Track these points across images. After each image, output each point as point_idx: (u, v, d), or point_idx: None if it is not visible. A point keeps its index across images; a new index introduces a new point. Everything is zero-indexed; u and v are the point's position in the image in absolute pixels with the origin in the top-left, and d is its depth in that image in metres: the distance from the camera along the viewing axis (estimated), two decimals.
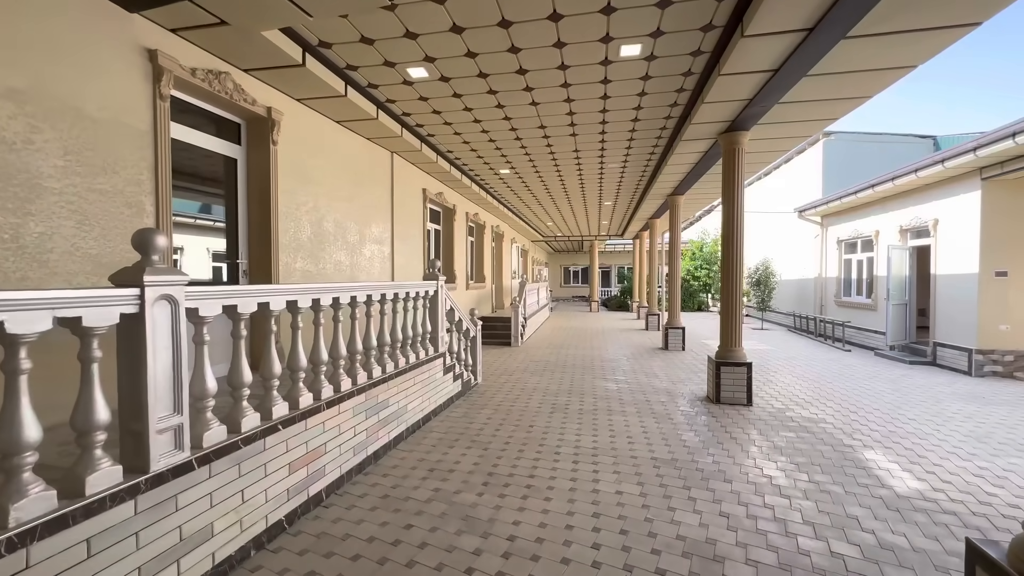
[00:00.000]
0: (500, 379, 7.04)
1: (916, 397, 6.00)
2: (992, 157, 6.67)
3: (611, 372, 7.53)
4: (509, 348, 10.17)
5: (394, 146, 6.25)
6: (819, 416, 5.12)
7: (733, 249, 5.66)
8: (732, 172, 5.63)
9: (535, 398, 5.91)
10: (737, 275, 5.67)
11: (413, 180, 7.32)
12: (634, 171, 8.41)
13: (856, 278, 11.26)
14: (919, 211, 8.75)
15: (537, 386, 6.57)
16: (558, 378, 7.08)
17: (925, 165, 7.69)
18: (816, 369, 7.85)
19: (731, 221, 5.66)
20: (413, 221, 7.37)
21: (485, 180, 9.09)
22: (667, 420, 4.95)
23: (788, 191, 14.71)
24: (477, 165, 7.89)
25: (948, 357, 7.91)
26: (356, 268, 5.74)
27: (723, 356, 5.67)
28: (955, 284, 7.84)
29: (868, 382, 6.88)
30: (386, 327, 4.15)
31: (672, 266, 10.00)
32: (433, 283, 5.17)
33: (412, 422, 4.55)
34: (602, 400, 5.79)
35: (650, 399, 5.83)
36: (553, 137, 6.37)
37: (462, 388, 6.01)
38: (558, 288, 33.96)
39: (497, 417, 5.10)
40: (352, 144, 5.64)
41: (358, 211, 5.77)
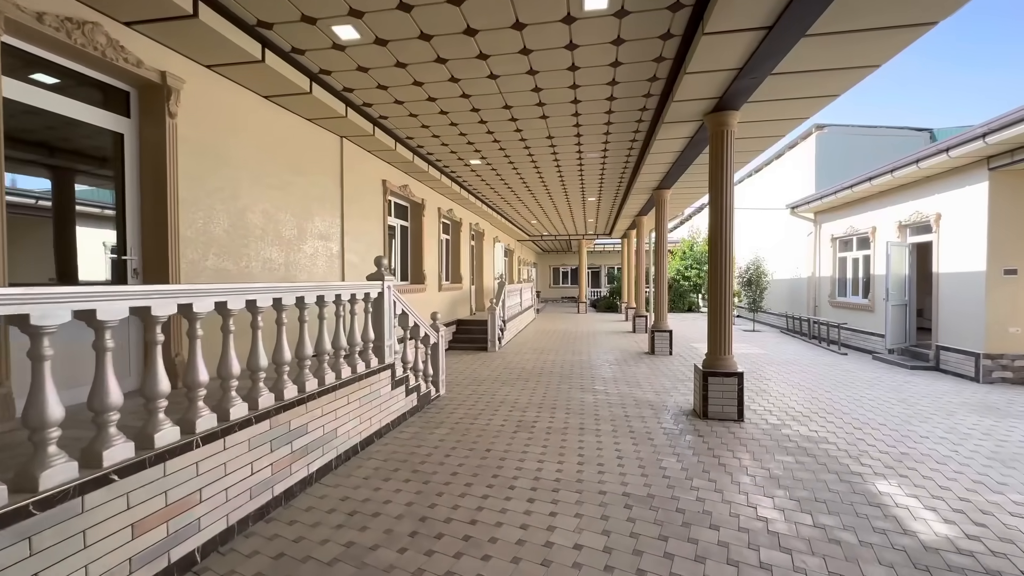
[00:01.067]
0: (466, 390, 6.34)
1: (924, 409, 5.40)
2: (1002, 144, 6.10)
3: (591, 381, 6.86)
4: (485, 354, 9.48)
5: (342, 129, 5.54)
6: (819, 434, 4.48)
7: (722, 246, 5.01)
8: (720, 159, 4.99)
9: (500, 413, 5.22)
10: (726, 274, 5.03)
11: (370, 170, 6.61)
12: (616, 162, 7.77)
13: (852, 277, 10.71)
14: (919, 205, 8.19)
15: (506, 398, 5.88)
16: (531, 388, 6.40)
17: (928, 155, 7.13)
18: (812, 376, 7.24)
19: (719, 214, 5.02)
20: (371, 215, 6.66)
21: (456, 172, 8.40)
22: (646, 441, 4.28)
23: (779, 187, 14.19)
24: (444, 155, 7.20)
25: (952, 362, 7.34)
26: (293, 267, 5.02)
27: (711, 365, 5.03)
28: (960, 283, 7.28)
29: (869, 390, 6.28)
30: (307, 337, 3.44)
31: (658, 265, 9.37)
32: (377, 284, 4.47)
33: (345, 448, 3.85)
34: (576, 415, 5.12)
35: (630, 414, 5.17)
36: (522, 120, 5.69)
37: (418, 403, 5.31)
38: (547, 289, 33.33)
39: (451, 438, 4.41)
40: (287, 125, 4.92)
41: (297, 202, 5.05)
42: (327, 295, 3.66)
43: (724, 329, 5.02)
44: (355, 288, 4.07)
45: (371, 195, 6.66)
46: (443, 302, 9.86)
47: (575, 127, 5.96)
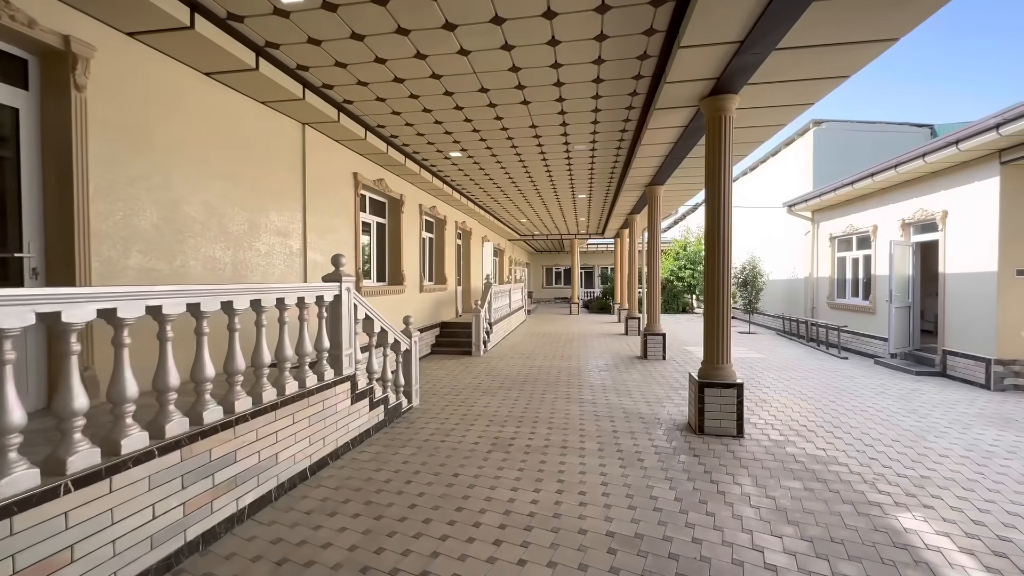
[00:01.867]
0: (443, 400, 5.84)
1: (937, 421, 4.97)
2: (1016, 136, 5.69)
3: (578, 389, 6.38)
4: (469, 358, 8.98)
5: (303, 115, 5.02)
6: (828, 453, 4.02)
7: (720, 245, 4.55)
8: (717, 148, 4.53)
9: (476, 428, 4.73)
10: (724, 276, 4.57)
11: (339, 161, 6.09)
12: (605, 155, 7.30)
13: (851, 278, 10.32)
14: (924, 202, 7.79)
15: (485, 410, 5.39)
16: (513, 398, 5.91)
17: (936, 148, 6.72)
18: (815, 383, 6.81)
19: (717, 210, 4.55)
20: (340, 211, 6.14)
21: (436, 166, 7.89)
22: (635, 463, 3.80)
23: (776, 185, 13.80)
24: (421, 146, 6.70)
25: (961, 367, 6.94)
26: (244, 266, 4.49)
27: (708, 375, 4.56)
28: (968, 284, 6.88)
29: (876, 399, 5.85)
30: (239, 349, 2.93)
31: (651, 265, 8.92)
32: (333, 286, 3.96)
33: (290, 475, 3.34)
34: (559, 431, 4.63)
35: (618, 429, 4.69)
36: (502, 106, 5.20)
37: (386, 416, 4.81)
38: (540, 289, 32.88)
39: (417, 460, 3.91)
40: (237, 108, 4.40)
41: (248, 194, 4.53)
42: (265, 299, 3.14)
43: (722, 335, 4.56)
44: (304, 290, 3.56)
45: (340, 189, 6.15)
46: (424, 304, 9.35)
47: (560, 115, 5.48)
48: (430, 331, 9.60)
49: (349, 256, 6.36)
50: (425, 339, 9.28)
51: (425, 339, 9.28)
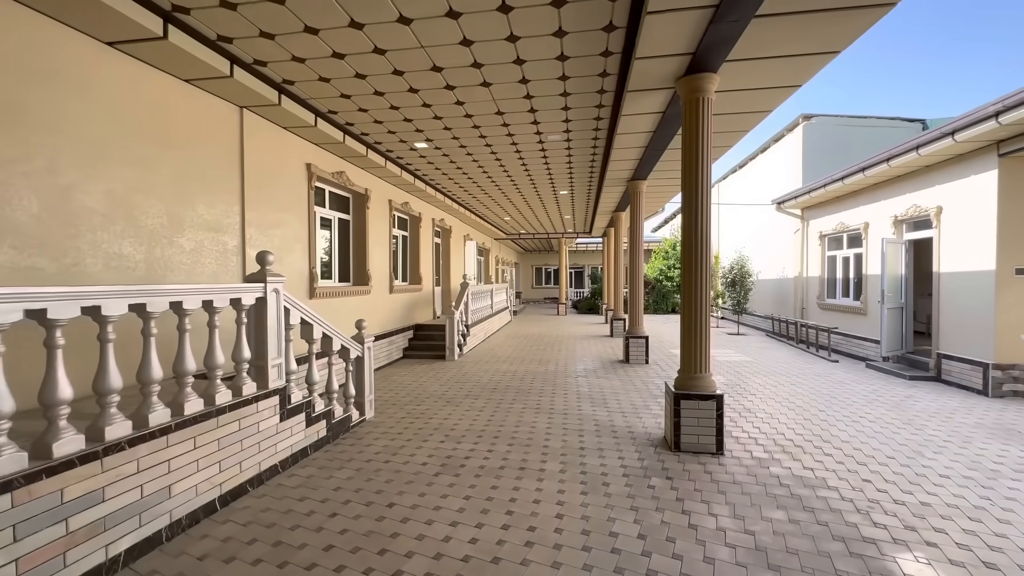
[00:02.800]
0: (402, 411, 5.35)
1: (935, 434, 4.55)
2: (1017, 125, 5.31)
3: (550, 397, 5.91)
4: (442, 363, 8.48)
5: (238, 96, 4.51)
6: (816, 474, 3.58)
7: (697, 242, 4.10)
8: (695, 134, 4.07)
9: (429, 445, 4.24)
10: (703, 276, 4.12)
11: (288, 150, 5.58)
12: (582, 146, 6.84)
13: (842, 277, 9.95)
14: (918, 198, 7.42)
15: (444, 423, 4.91)
16: (478, 408, 5.43)
17: (930, 139, 6.33)
18: (803, 389, 6.39)
19: (694, 203, 4.10)
20: (289, 204, 5.62)
21: (404, 159, 7.39)
22: (599, 488, 3.34)
23: (765, 182, 13.42)
24: (381, 135, 6.19)
25: (956, 372, 6.56)
26: (161, 265, 3.97)
27: (684, 385, 4.11)
28: (964, 284, 6.50)
29: (868, 408, 5.44)
30: (109, 363, 2.42)
31: (633, 264, 8.48)
32: (256, 287, 3.46)
33: (190, 510, 2.84)
34: (520, 448, 4.16)
35: (586, 445, 4.23)
36: (461, 89, 4.72)
37: (329, 432, 4.31)
38: (529, 290, 32.45)
39: (351, 486, 3.42)
40: (152, 84, 3.88)
41: (167, 183, 4.01)
42: (153, 303, 2.64)
43: (700, 342, 4.11)
44: (213, 292, 3.05)
45: (290, 180, 5.63)
46: (395, 305, 8.84)
47: (526, 99, 5.01)
48: (402, 334, 9.09)
49: (301, 254, 5.84)
50: (396, 342, 8.78)
51: (396, 342, 8.78)
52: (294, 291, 5.66)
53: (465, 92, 4.81)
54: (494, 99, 5.00)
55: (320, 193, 6.68)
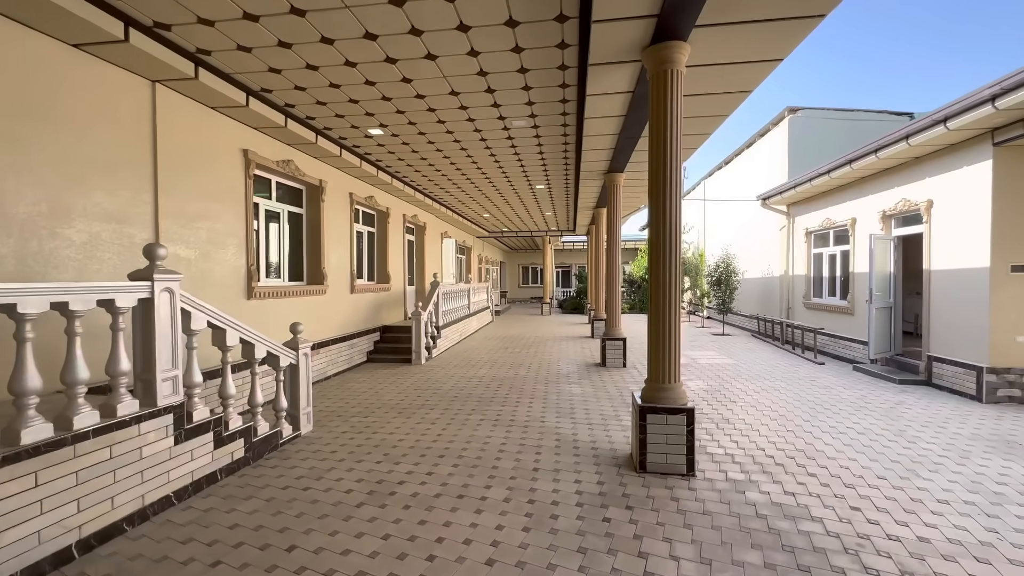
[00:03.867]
0: (346, 424, 4.81)
1: (930, 447, 4.12)
2: (1014, 110, 4.91)
3: (514, 407, 5.41)
4: (407, 367, 7.94)
5: (145, 67, 3.93)
6: (798, 500, 3.11)
7: (665, 237, 3.61)
8: (664, 112, 3.58)
9: (363, 466, 3.71)
10: (672, 275, 3.64)
11: (218, 133, 4.99)
12: (552, 135, 6.34)
13: (828, 276, 9.57)
14: (907, 192, 7.03)
15: (388, 438, 4.38)
16: (431, 420, 4.91)
17: (921, 128, 5.92)
18: (787, 396, 5.96)
19: (662, 193, 3.61)
20: (221, 194, 5.04)
21: (360, 147, 6.83)
22: (545, 523, 2.83)
23: (751, 178, 13.05)
24: (328, 119, 5.63)
25: (948, 376, 6.17)
26: (40, 260, 3.39)
27: (651, 398, 3.62)
28: (957, 282, 6.11)
29: (856, 417, 5.01)
30: None
31: (610, 263, 8.00)
32: (140, 286, 2.90)
33: (24, 565, 2.28)
34: (465, 470, 3.64)
35: (542, 465, 3.72)
36: (404, 63, 4.19)
37: (249, 452, 3.76)
38: (516, 289, 31.95)
39: (253, 521, 2.88)
40: (28, 49, 3.30)
41: (50, 165, 3.43)
42: None
43: (669, 348, 3.62)
44: (66, 293, 2.49)
45: (222, 167, 5.05)
46: (357, 306, 8.27)
47: (480, 77, 4.49)
48: (366, 336, 8.53)
49: (237, 249, 5.26)
50: (359, 345, 8.21)
51: (359, 345, 8.21)
52: (227, 291, 5.09)
53: (410, 68, 4.28)
54: (444, 76, 4.47)
55: (264, 183, 6.10)
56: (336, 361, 7.37)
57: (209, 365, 4.12)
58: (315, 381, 6.75)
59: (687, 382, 6.68)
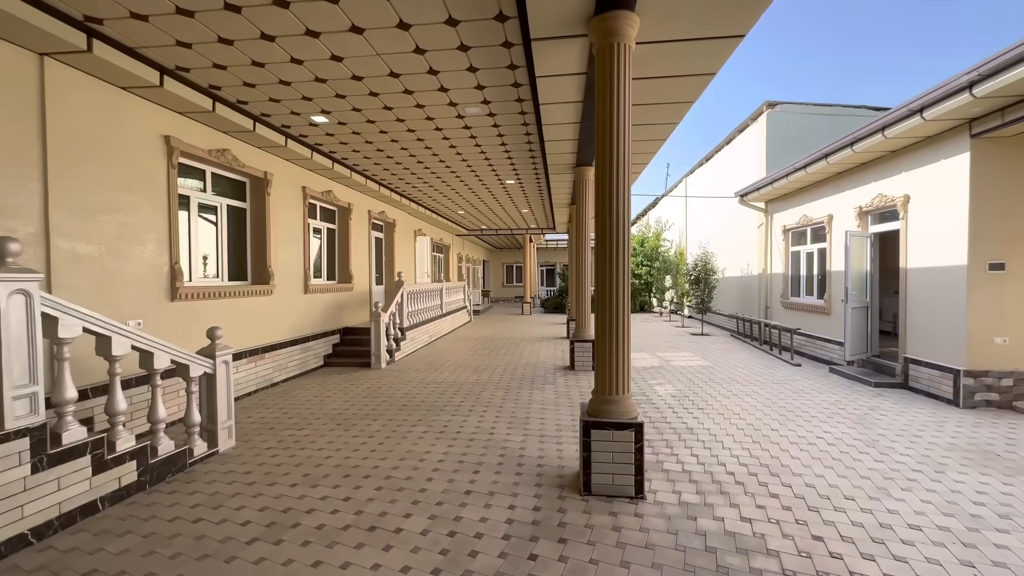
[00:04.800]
0: (273, 438, 4.36)
1: (903, 459, 3.81)
2: (993, 98, 4.63)
3: (464, 416, 5.00)
4: (365, 372, 7.49)
5: (27, 37, 3.44)
6: (756, 527, 2.76)
7: (613, 228, 3.23)
8: (610, 91, 3.20)
9: (272, 491, 3.27)
10: (620, 273, 3.26)
11: (128, 116, 4.46)
12: (511, 123, 5.93)
13: (806, 274, 9.32)
14: (884, 187, 6.76)
15: (314, 455, 3.94)
16: (370, 433, 4.48)
17: (897, 119, 5.64)
18: (758, 401, 5.63)
19: (608, 177, 3.23)
20: (134, 184, 4.54)
21: (308, 136, 6.35)
22: (460, 562, 2.43)
23: (731, 175, 12.79)
24: (263, 104, 5.16)
25: (924, 379, 5.91)
26: None
27: (597, 411, 3.24)
28: (933, 281, 5.85)
29: (828, 424, 4.70)
30: None
31: (578, 260, 7.63)
32: None
33: None
34: (388, 493, 3.23)
35: (476, 487, 3.32)
36: (328, 36, 3.76)
37: (144, 476, 3.31)
38: (500, 288, 31.52)
39: (110, 569, 2.43)
40: None
41: None
42: None
43: (617, 357, 3.24)
44: None
45: (136, 155, 4.55)
46: (313, 307, 7.79)
47: (418, 55, 4.07)
48: (323, 339, 8.05)
49: (157, 246, 4.77)
50: (314, 349, 7.73)
51: (314, 349, 7.73)
52: (143, 292, 4.60)
53: (336, 43, 3.84)
54: (377, 54, 4.03)
55: (195, 174, 5.59)
56: (285, 366, 6.89)
57: (132, 372, 3.61)
58: (260, 388, 6.28)
59: (657, 387, 6.34)
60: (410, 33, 3.70)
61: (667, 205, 20.26)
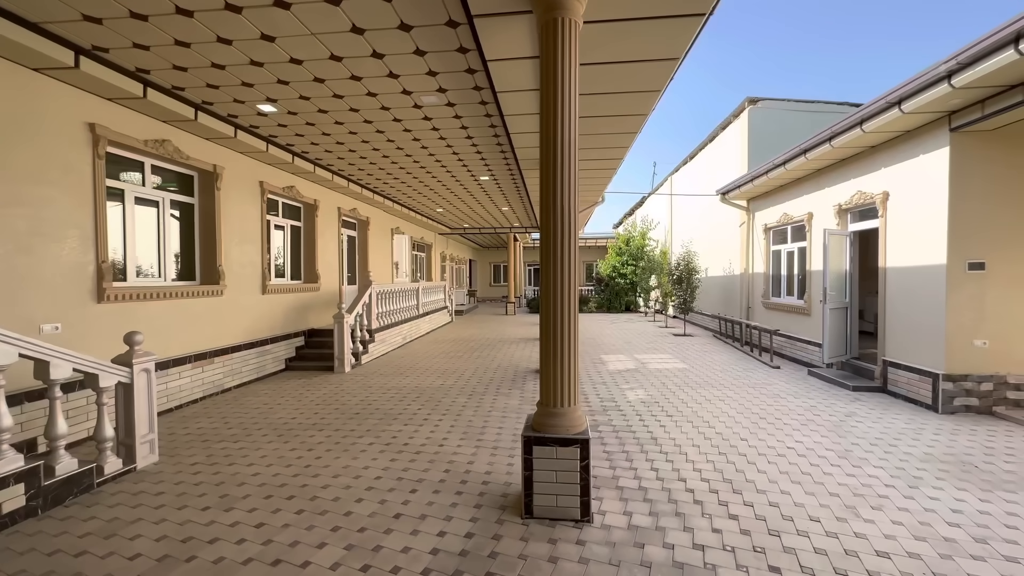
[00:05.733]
0: (203, 452, 4.01)
1: (876, 472, 3.56)
2: (973, 89, 4.40)
3: (417, 426, 4.68)
4: (327, 376, 7.13)
5: None
6: (709, 555, 2.47)
7: (556, 220, 2.94)
8: (554, 69, 2.90)
9: (180, 516, 2.93)
10: (567, 271, 2.97)
11: (44, 101, 4.02)
12: (473, 113, 5.62)
13: (786, 274, 9.11)
14: (863, 183, 6.54)
15: (242, 471, 3.60)
16: (311, 445, 4.14)
17: (875, 112, 5.40)
18: (731, 407, 5.38)
19: (553, 165, 2.94)
20: (52, 175, 4.15)
21: (260, 127, 5.98)
22: None
23: (714, 173, 12.58)
24: (200, 90, 4.79)
25: (903, 383, 5.69)
26: None
27: (540, 426, 2.94)
28: (912, 281, 5.63)
29: (802, 432, 4.44)
30: None
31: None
32: None
33: None
34: (308, 518, 2.90)
35: (407, 510, 3.00)
36: (250, 11, 3.41)
37: (35, 500, 2.96)
38: (487, 288, 31.22)
39: None
40: None
41: None
42: None
43: (563, 364, 2.94)
44: None
45: (51, 143, 4.15)
46: (273, 308, 7.41)
47: (356, 35, 3.73)
48: (286, 341, 7.68)
49: (80, 243, 4.38)
50: (274, 352, 7.36)
51: (274, 352, 7.36)
52: (62, 293, 4.22)
53: (263, 20, 3.50)
54: (311, 33, 3.70)
55: (130, 166, 5.20)
56: (239, 371, 6.51)
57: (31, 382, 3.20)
58: (208, 395, 5.90)
59: (628, 391, 6.06)
60: (342, 8, 3.37)
61: (654, 204, 20.06)
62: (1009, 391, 5.05)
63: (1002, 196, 5.02)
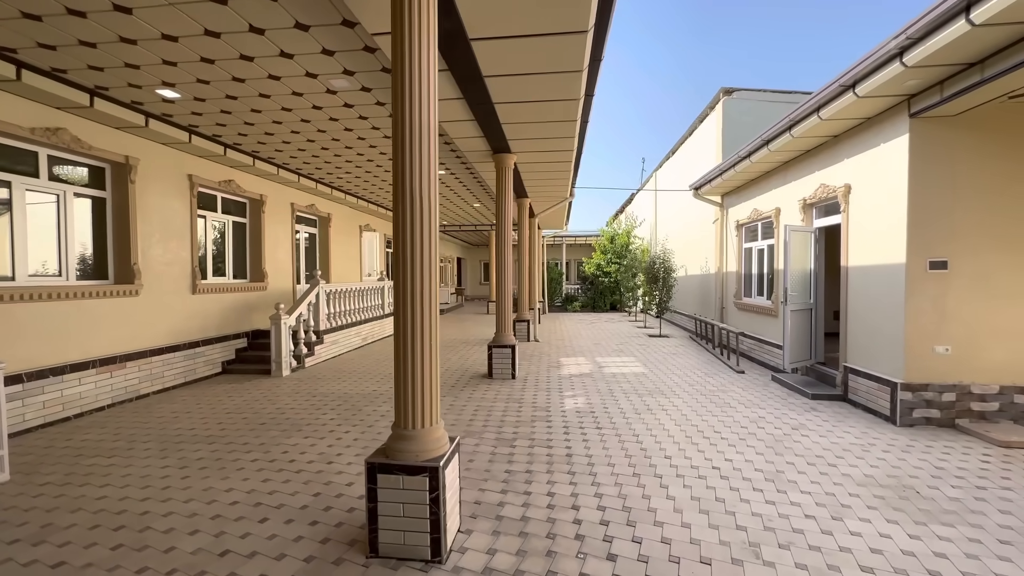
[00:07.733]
0: (61, 472, 3.63)
1: (802, 497, 3.13)
2: (928, 68, 3.95)
3: (320, 440, 4.28)
4: (262, 381, 6.75)
5: None
6: None
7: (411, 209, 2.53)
8: (399, 16, 2.49)
9: None
10: (423, 269, 2.55)
11: None
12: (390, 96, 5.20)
13: (757, 273, 8.67)
14: (826, 176, 6.10)
15: (87, 494, 3.22)
16: (187, 463, 3.76)
17: (830, 97, 4.94)
18: (673, 417, 4.96)
19: (403, 144, 2.53)
20: None
21: (174, 115, 5.59)
22: None
23: (692, 167, 12.11)
24: (80, 71, 4.39)
25: (863, 391, 5.26)
26: None
27: (388, 450, 2.53)
28: (871, 281, 5.20)
29: (736, 449, 4.02)
30: None
31: (499, 254, 6.93)
32: None
33: None
34: (122, 555, 2.51)
35: (239, 546, 2.61)
36: None
37: None
38: (477, 286, 30.82)
39: None
40: None
41: None
42: None
43: (418, 377, 2.53)
44: None
45: None
46: (207, 309, 7.03)
47: (218, 3, 3.33)
48: (223, 343, 7.30)
49: None
50: (207, 355, 6.98)
51: (207, 355, 6.98)
52: None
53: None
54: (170, 3, 3.29)
55: (21, 159, 4.82)
56: (161, 376, 6.13)
57: None
58: (119, 402, 5.54)
59: (567, 399, 5.65)
60: None
61: (640, 201, 19.60)
62: (973, 402, 4.60)
63: (965, 185, 4.57)
